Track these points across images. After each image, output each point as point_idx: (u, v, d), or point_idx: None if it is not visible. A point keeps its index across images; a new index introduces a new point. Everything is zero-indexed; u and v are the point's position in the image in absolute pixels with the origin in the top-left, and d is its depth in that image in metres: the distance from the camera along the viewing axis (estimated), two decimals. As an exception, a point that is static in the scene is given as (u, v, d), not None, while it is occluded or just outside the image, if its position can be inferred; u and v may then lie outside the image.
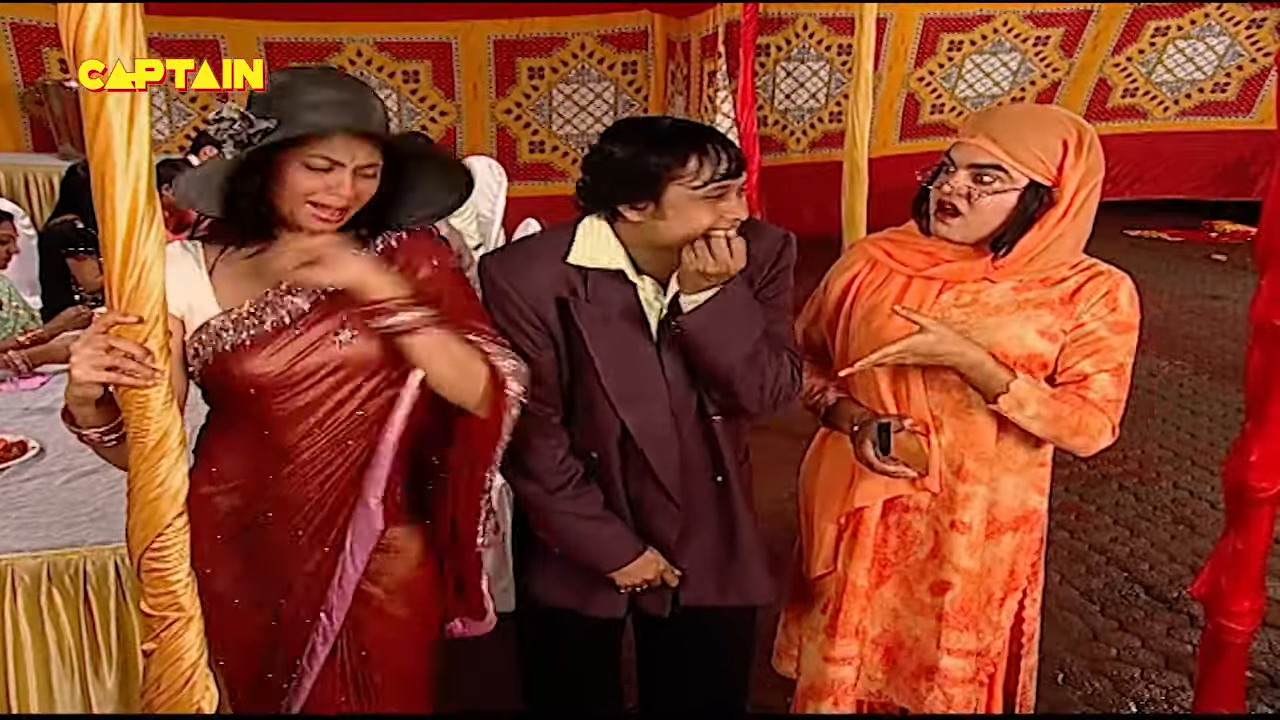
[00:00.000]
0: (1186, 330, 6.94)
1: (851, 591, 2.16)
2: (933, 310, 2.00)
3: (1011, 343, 1.97)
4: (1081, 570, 3.93)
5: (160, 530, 1.54)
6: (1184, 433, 5.25)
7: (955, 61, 9.01)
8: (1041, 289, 1.98)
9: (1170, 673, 3.33)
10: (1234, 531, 2.39)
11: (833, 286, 2.18)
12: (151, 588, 1.56)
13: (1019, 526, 2.13)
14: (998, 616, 2.16)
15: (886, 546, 2.16)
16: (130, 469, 1.52)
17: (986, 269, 1.98)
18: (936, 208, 1.96)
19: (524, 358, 1.84)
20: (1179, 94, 9.50)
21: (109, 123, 1.34)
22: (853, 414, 2.08)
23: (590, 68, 8.78)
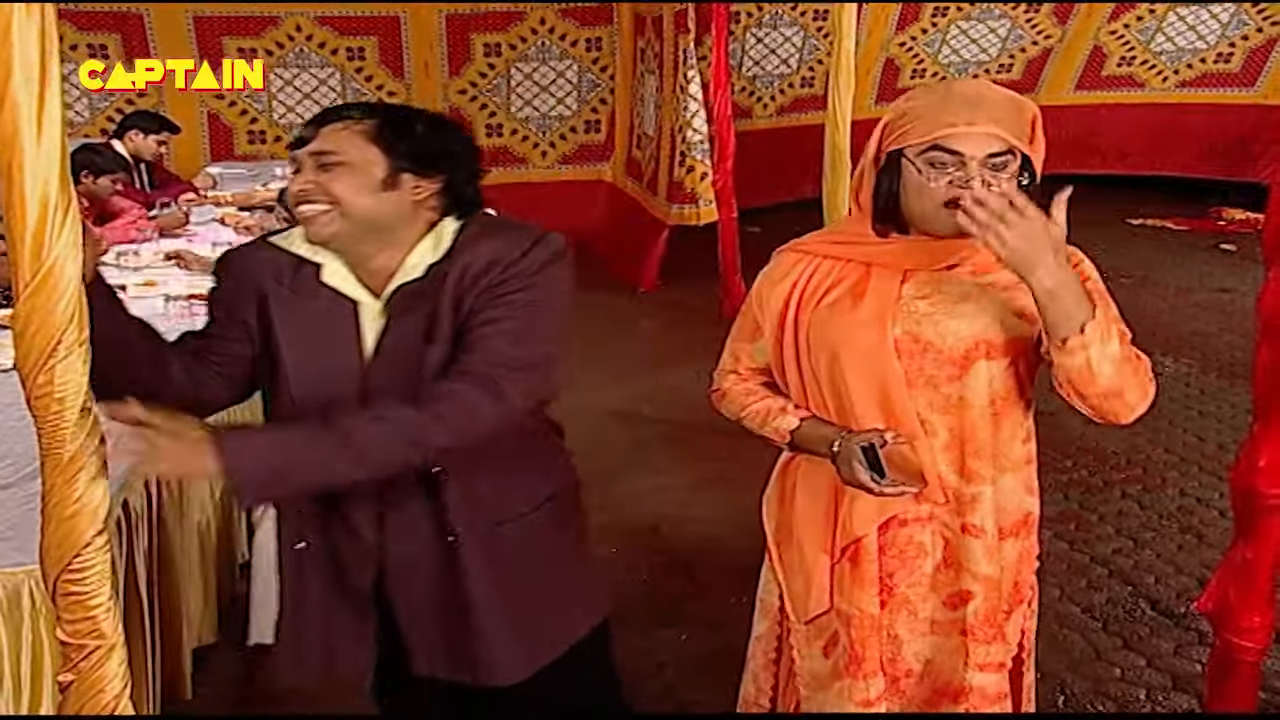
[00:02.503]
0: (1193, 326, 6.99)
1: (868, 624, 2.12)
2: (897, 304, 1.99)
3: (994, 329, 1.97)
4: (1082, 584, 3.95)
5: (78, 550, 1.52)
6: (1191, 436, 5.28)
7: (940, 27, 9.09)
8: (998, 271, 1.97)
9: (1178, 694, 3.35)
10: (1243, 541, 2.41)
11: (769, 300, 2.13)
12: (69, 613, 1.54)
13: (1019, 531, 2.13)
14: (1007, 630, 2.16)
15: (882, 569, 2.13)
16: (45, 483, 1.51)
17: (954, 250, 1.97)
18: (949, 203, 1.88)
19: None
20: (1179, 63, 9.58)
21: (15, 103, 1.33)
22: (825, 435, 2.05)
23: (551, 44, 8.78)
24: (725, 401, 2.26)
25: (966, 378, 2.00)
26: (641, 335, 6.74)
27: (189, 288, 4.55)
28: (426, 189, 1.91)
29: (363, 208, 1.84)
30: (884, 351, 1.98)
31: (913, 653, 2.17)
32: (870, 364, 2.00)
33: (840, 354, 2.01)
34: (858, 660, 2.14)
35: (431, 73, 8.70)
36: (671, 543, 4.20)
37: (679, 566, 4.01)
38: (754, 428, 2.18)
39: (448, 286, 1.87)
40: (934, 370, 2.00)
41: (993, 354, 1.99)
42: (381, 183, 1.85)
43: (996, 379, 2.01)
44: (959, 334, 1.97)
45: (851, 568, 2.12)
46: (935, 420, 2.03)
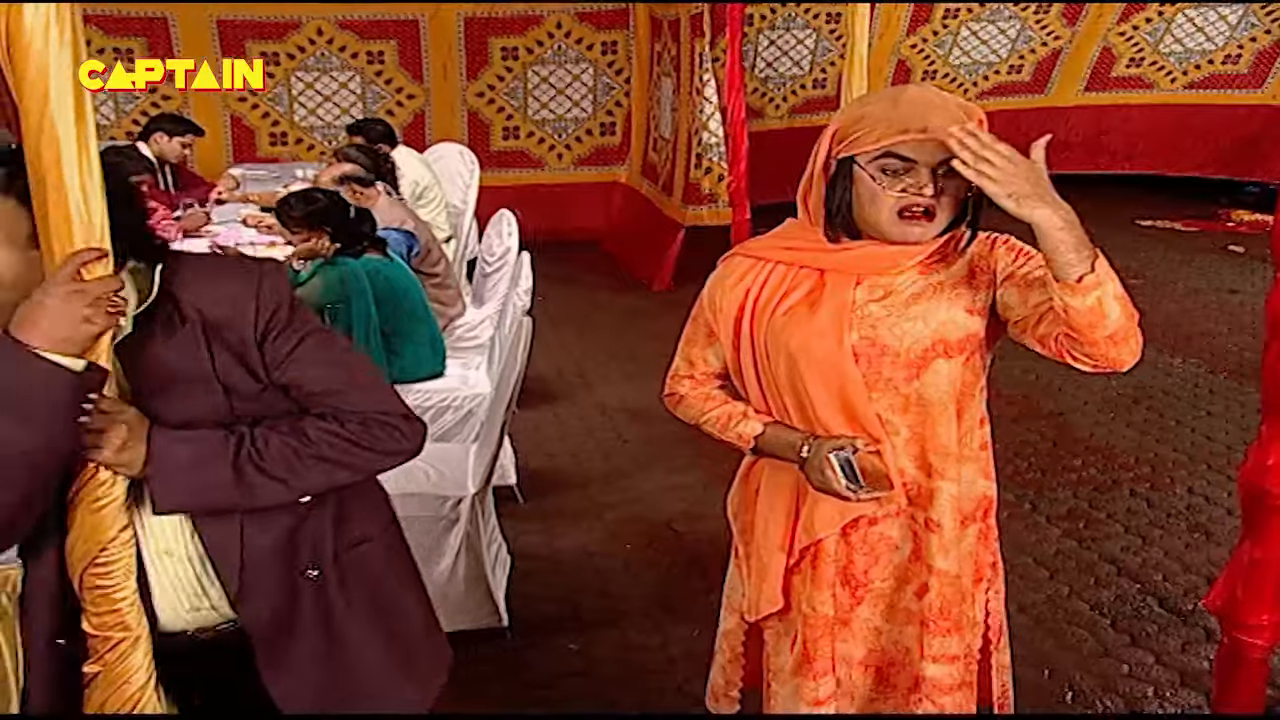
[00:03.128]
0: (1202, 326, 6.96)
1: (822, 625, 2.14)
2: (852, 310, 1.98)
3: (948, 327, 1.97)
4: (1091, 582, 3.94)
5: (104, 545, 1.53)
6: (1199, 435, 5.27)
7: (951, 29, 9.08)
8: (944, 268, 1.99)
9: (1186, 690, 3.34)
10: (1251, 540, 2.40)
11: (723, 305, 2.12)
12: (95, 606, 1.55)
13: (977, 516, 2.13)
14: (973, 611, 2.16)
15: (854, 566, 2.14)
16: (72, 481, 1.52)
17: (906, 254, 1.96)
18: (901, 213, 1.90)
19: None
20: (1187, 64, 9.56)
21: (54, 103, 1.35)
22: (791, 441, 2.05)
23: (568, 48, 8.79)
24: (682, 406, 2.26)
25: (925, 376, 2.00)
26: (656, 334, 6.74)
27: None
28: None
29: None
30: (842, 358, 1.98)
31: (891, 641, 2.18)
32: (829, 371, 2.00)
33: (799, 361, 2.01)
34: (809, 660, 2.16)
35: (450, 76, 8.72)
36: (685, 540, 4.21)
37: (691, 563, 4.03)
38: (715, 433, 2.18)
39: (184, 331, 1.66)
40: (892, 372, 2.00)
41: (949, 352, 1.99)
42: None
43: (955, 376, 2.01)
44: (916, 335, 1.98)
45: (811, 569, 2.14)
46: (896, 420, 2.03)
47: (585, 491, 4.66)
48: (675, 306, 8.05)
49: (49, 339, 1.43)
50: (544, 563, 4.02)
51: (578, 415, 5.52)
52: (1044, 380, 5.94)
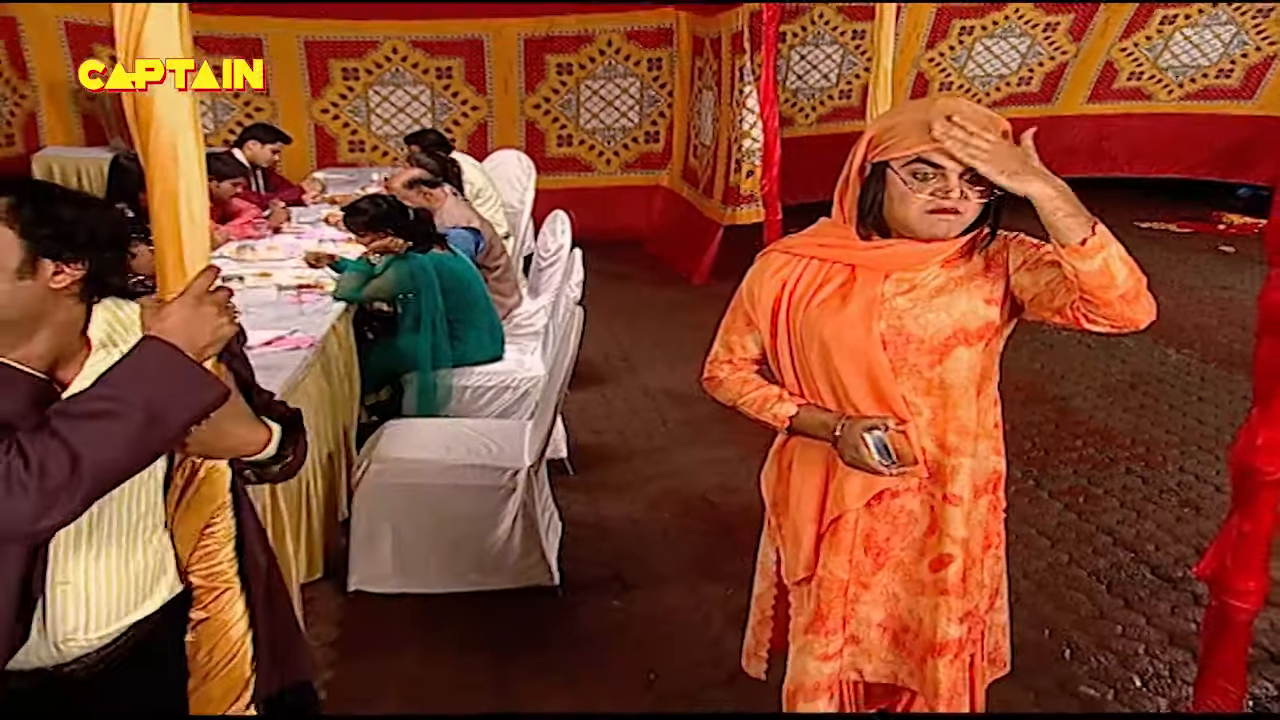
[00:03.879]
0: (1195, 320, 6.89)
1: (835, 587, 2.15)
2: (881, 302, 1.99)
3: (968, 317, 1.97)
4: (1089, 551, 3.92)
5: (212, 514, 1.56)
6: (1190, 419, 5.22)
7: (966, 44, 9.03)
8: (964, 263, 1.99)
9: (1174, 649, 3.32)
10: (1240, 513, 2.39)
11: (760, 296, 2.13)
12: (201, 564, 1.58)
13: (989, 489, 2.13)
14: (981, 574, 2.16)
15: (876, 535, 2.14)
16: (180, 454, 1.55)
17: (932, 252, 1.96)
18: (930, 212, 1.90)
19: None
20: (1183, 78, 9.50)
21: (162, 119, 1.37)
22: (824, 420, 2.05)
23: (617, 64, 8.79)
24: (721, 389, 2.25)
25: (947, 362, 2.00)
26: (695, 324, 6.74)
27: (297, 279, 4.62)
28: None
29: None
30: (871, 345, 1.98)
31: (906, 609, 2.18)
32: (860, 357, 2.00)
33: (832, 348, 2.01)
34: (821, 618, 2.16)
35: (510, 89, 8.74)
36: (720, 510, 4.22)
37: (725, 532, 4.03)
38: (751, 413, 2.18)
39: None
40: (917, 358, 2.00)
41: (969, 340, 1.99)
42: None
43: (974, 361, 2.01)
44: (939, 324, 1.98)
45: (832, 538, 2.14)
46: (919, 402, 2.03)
47: (629, 465, 4.68)
48: (713, 299, 8.05)
49: (193, 348, 1.43)
50: (591, 529, 4.05)
51: (623, 397, 5.54)
52: (1049, 368, 5.90)
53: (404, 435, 3.75)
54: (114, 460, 1.35)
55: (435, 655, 3.28)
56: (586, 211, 6.82)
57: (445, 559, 3.56)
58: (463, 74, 8.66)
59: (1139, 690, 3.13)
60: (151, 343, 1.41)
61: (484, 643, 3.34)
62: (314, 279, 4.60)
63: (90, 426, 1.33)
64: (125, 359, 1.41)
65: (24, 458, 1.30)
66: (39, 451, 1.30)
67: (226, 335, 1.46)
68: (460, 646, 3.32)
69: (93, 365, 1.53)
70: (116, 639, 1.63)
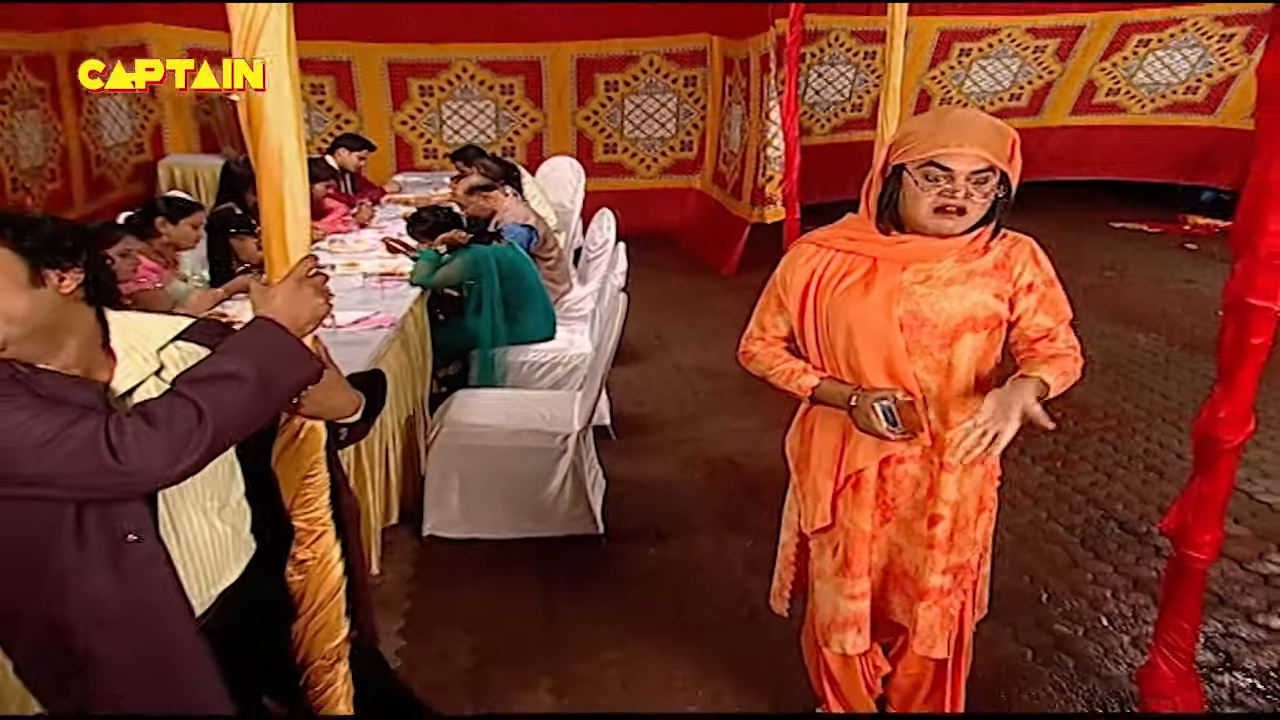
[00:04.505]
0: (1161, 309, 6.79)
1: (860, 537, 2.16)
2: (899, 289, 1.98)
3: (977, 307, 1.97)
4: (1065, 509, 3.89)
5: (311, 466, 1.58)
6: (1156, 395, 5.15)
7: (964, 64, 8.95)
8: (977, 259, 1.98)
9: (1137, 593, 3.30)
10: (1200, 476, 2.38)
11: (792, 282, 2.12)
12: (303, 509, 1.60)
13: (984, 458, 2.11)
14: (974, 534, 2.16)
15: (885, 494, 2.15)
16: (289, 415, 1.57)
17: (946, 248, 1.96)
18: (937, 210, 1.91)
19: None
20: (1155, 94, 9.43)
21: (272, 126, 1.39)
22: (842, 391, 2.05)
23: (657, 82, 8.75)
24: (753, 362, 2.25)
25: (956, 346, 2.00)
26: (722, 310, 6.73)
27: (380, 268, 4.65)
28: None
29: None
30: (891, 330, 1.99)
31: (907, 559, 2.19)
32: (879, 339, 2.00)
33: (855, 330, 2.01)
34: (848, 564, 2.19)
35: (564, 103, 8.73)
36: (743, 471, 4.23)
37: (748, 491, 4.03)
38: (779, 383, 2.18)
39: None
40: (929, 341, 2.00)
41: (976, 327, 1.99)
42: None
43: (979, 346, 2.01)
44: (950, 312, 1.97)
45: (853, 494, 2.15)
46: (928, 379, 2.03)
47: (663, 432, 4.69)
48: (739, 288, 8.09)
49: (295, 324, 1.44)
50: (631, 486, 4.06)
51: (659, 372, 5.54)
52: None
53: (470, 403, 3.79)
54: (233, 416, 1.36)
55: (496, 591, 3.31)
56: (629, 210, 6.81)
57: (505, 509, 3.59)
58: (523, 90, 8.66)
59: (1106, 629, 3.11)
60: (261, 320, 1.43)
61: (538, 581, 3.37)
62: (394, 268, 4.64)
63: (213, 387, 1.35)
64: (240, 333, 1.44)
65: (146, 417, 1.30)
66: (165, 409, 1.31)
67: (322, 314, 1.48)
68: (517, 584, 3.35)
69: (123, 370, 1.51)
70: (218, 599, 1.63)
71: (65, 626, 1.44)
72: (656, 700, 2.77)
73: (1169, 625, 2.54)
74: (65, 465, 1.27)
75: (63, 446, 1.27)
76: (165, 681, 1.50)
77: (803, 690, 2.60)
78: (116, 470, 1.27)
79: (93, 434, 1.27)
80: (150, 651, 1.48)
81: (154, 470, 1.29)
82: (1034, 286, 1.99)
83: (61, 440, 1.27)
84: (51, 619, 1.44)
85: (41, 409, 1.31)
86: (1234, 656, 2.97)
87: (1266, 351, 2.20)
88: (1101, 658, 2.97)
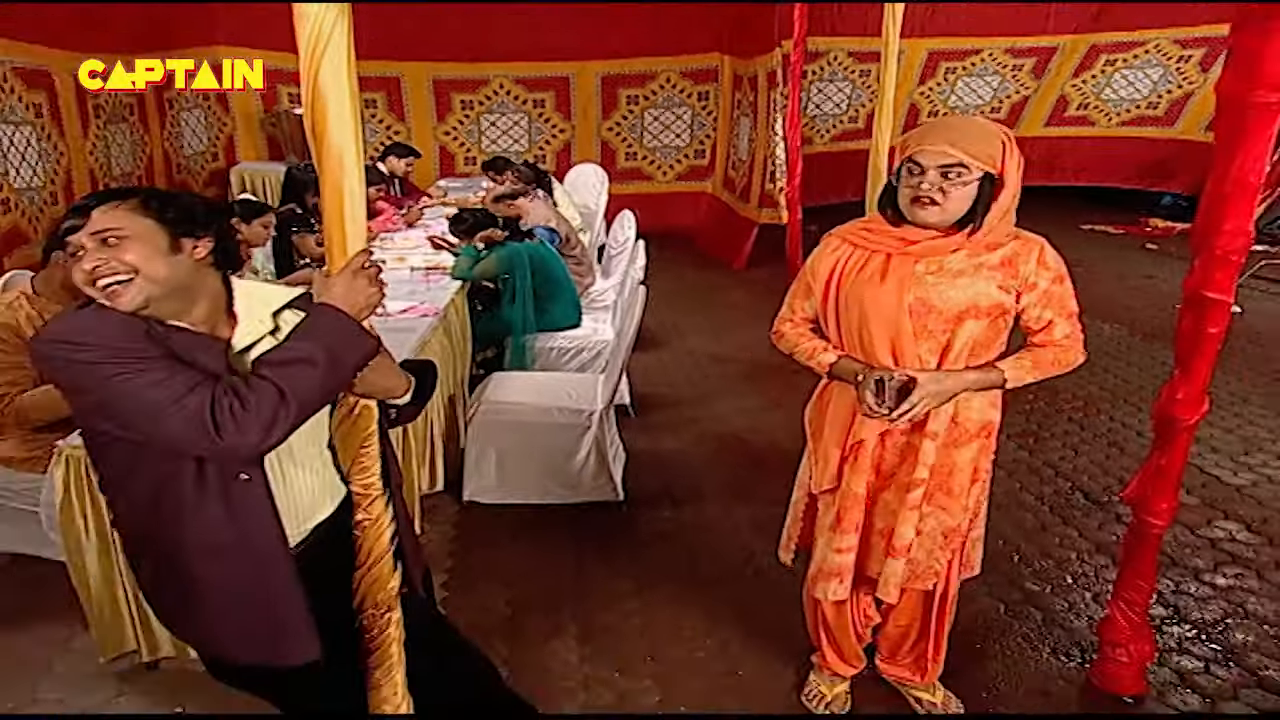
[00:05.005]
0: (1125, 302, 6.73)
1: (853, 499, 2.16)
2: (910, 277, 1.98)
3: (982, 297, 1.96)
4: (1036, 480, 3.88)
5: (366, 437, 1.59)
6: (1119, 379, 5.11)
7: (950, 82, 8.87)
8: (986, 254, 1.97)
9: (1099, 555, 3.28)
10: (1159, 451, 2.37)
11: (819, 270, 2.12)
12: (359, 476, 1.61)
13: (980, 434, 2.12)
14: (966, 501, 2.15)
15: (884, 462, 2.15)
16: (346, 393, 1.58)
17: (952, 243, 1.96)
18: (912, 201, 1.93)
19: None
20: (1120, 108, 9.35)
21: (334, 135, 1.40)
22: (853, 368, 2.06)
23: (673, 96, 8.72)
24: (783, 340, 2.25)
25: (958, 330, 1.99)
26: (731, 303, 6.72)
27: (425, 263, 4.66)
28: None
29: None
30: (900, 313, 1.98)
31: (904, 520, 2.16)
32: (890, 323, 2.00)
33: (869, 313, 2.01)
34: (839, 521, 2.20)
35: (589, 116, 8.71)
36: (749, 445, 4.22)
37: (753, 462, 4.04)
38: (802, 359, 2.19)
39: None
40: (935, 325, 1.99)
41: (978, 315, 1.98)
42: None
43: (977, 331, 2.00)
44: (955, 300, 1.97)
45: (854, 461, 2.16)
46: (931, 360, 2.03)
47: (678, 410, 4.68)
48: (747, 283, 8.08)
49: (353, 309, 1.46)
50: (648, 458, 4.06)
51: (674, 357, 5.54)
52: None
53: (505, 384, 3.80)
54: (309, 393, 1.39)
55: (529, 550, 3.33)
56: (648, 212, 6.80)
57: (537, 478, 3.61)
58: (553, 104, 8.64)
59: (1070, 586, 3.10)
60: (323, 307, 1.45)
61: (565, 542, 3.38)
62: (437, 262, 4.65)
63: (290, 370, 1.38)
64: (308, 320, 1.46)
65: (239, 399, 1.34)
66: (254, 392, 1.35)
67: (376, 301, 1.49)
68: (548, 544, 3.37)
69: (243, 329, 1.54)
70: (309, 534, 1.66)
71: (181, 552, 1.50)
72: (671, 646, 2.79)
73: (1127, 583, 2.53)
74: (178, 431, 1.32)
75: (178, 415, 1.32)
76: (261, 613, 1.54)
77: (802, 638, 2.61)
78: (216, 443, 1.32)
79: (199, 409, 1.32)
80: (250, 580, 1.52)
81: (248, 444, 1.34)
82: (1039, 284, 1.98)
83: (177, 409, 1.32)
84: (170, 545, 1.50)
85: (165, 374, 1.35)
86: (1182, 610, 2.96)
87: (1220, 340, 2.19)
88: (1066, 611, 2.96)
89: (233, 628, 1.56)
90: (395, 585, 1.67)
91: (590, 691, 2.60)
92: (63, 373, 1.38)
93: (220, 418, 1.32)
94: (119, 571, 2.50)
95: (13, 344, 2.68)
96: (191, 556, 1.50)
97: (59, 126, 5.56)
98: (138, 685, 2.59)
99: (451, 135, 8.67)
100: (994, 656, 2.74)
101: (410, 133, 8.43)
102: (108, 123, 6.12)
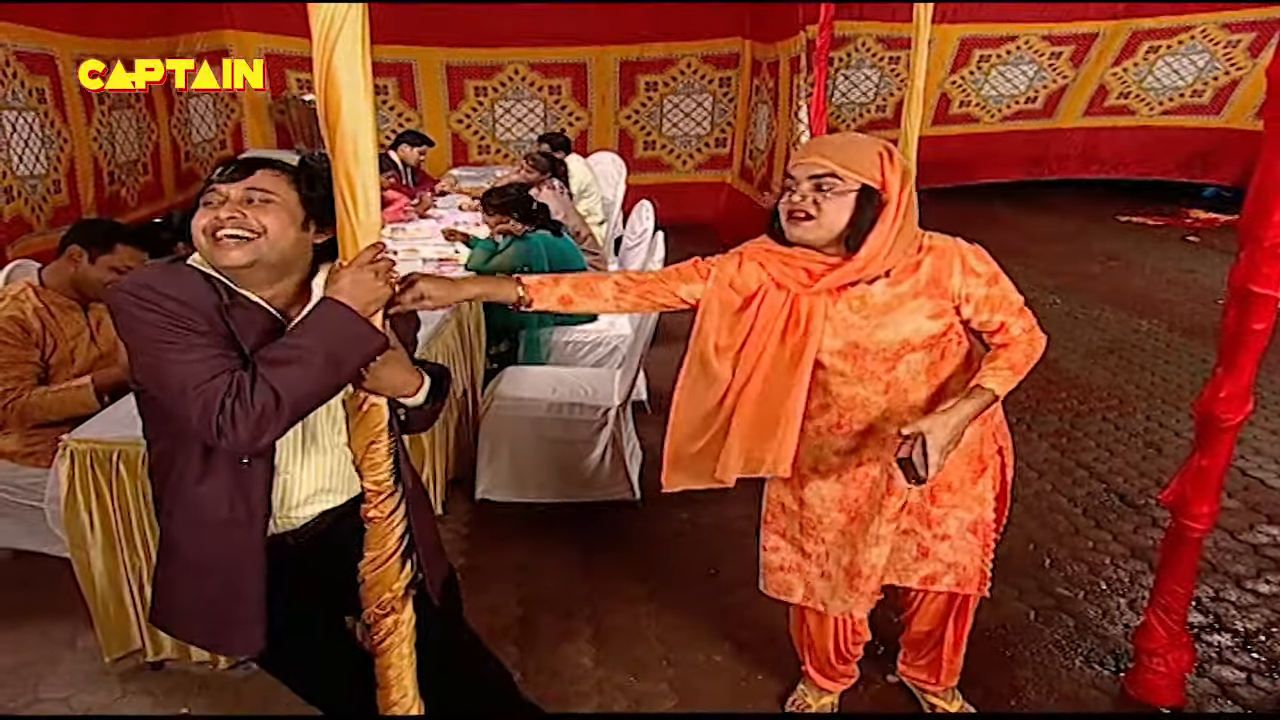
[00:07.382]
0: (1162, 296, 6.67)
1: (806, 511, 2.34)
2: (834, 317, 1.91)
3: (914, 334, 1.90)
4: (1069, 482, 3.85)
5: (376, 434, 1.59)
6: (1156, 377, 5.07)
7: (984, 70, 8.81)
8: (910, 280, 1.88)
9: (1134, 560, 3.26)
10: (1200, 452, 2.34)
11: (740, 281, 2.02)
12: (371, 472, 1.61)
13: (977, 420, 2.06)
14: (977, 489, 2.12)
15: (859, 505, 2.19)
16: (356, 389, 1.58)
17: (856, 273, 1.86)
18: (788, 217, 1.86)
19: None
20: (1163, 97, 9.23)
21: (348, 122, 1.40)
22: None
23: (694, 82, 8.70)
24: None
25: (899, 366, 1.94)
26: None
27: (437, 254, 4.68)
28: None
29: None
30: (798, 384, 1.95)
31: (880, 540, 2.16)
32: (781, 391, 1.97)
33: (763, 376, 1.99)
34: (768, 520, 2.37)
35: (607, 103, 8.71)
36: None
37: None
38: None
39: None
40: (873, 366, 1.94)
41: (915, 349, 1.93)
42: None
43: (923, 359, 1.94)
44: (887, 340, 1.91)
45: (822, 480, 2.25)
46: (877, 399, 1.99)
47: (697, 404, 4.67)
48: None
49: (360, 304, 1.46)
50: (667, 454, 4.05)
51: (693, 350, 5.52)
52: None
53: (519, 379, 3.80)
54: (306, 393, 1.45)
55: (541, 549, 3.34)
56: (666, 202, 6.79)
57: (551, 476, 3.61)
58: (569, 91, 8.64)
59: (1104, 592, 3.08)
60: (327, 301, 1.46)
61: (579, 541, 3.39)
62: (450, 254, 4.67)
63: (284, 371, 1.43)
64: (309, 314, 1.48)
65: (240, 398, 1.41)
66: (254, 394, 1.42)
67: (384, 296, 1.49)
68: (561, 543, 3.38)
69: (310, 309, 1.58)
70: (315, 518, 1.74)
71: (172, 517, 1.64)
72: (688, 650, 2.79)
73: (1164, 589, 2.51)
74: (191, 415, 1.42)
75: (197, 400, 1.41)
76: (214, 597, 1.64)
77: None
78: (214, 438, 1.42)
79: (211, 400, 1.41)
80: (216, 562, 1.63)
81: (242, 443, 1.43)
82: (973, 294, 1.88)
83: (196, 395, 1.41)
84: (168, 504, 1.64)
85: (199, 356, 1.43)
86: (1223, 618, 2.93)
87: (1267, 337, 2.16)
88: (1099, 618, 2.94)
89: (186, 603, 1.67)
90: (401, 586, 1.67)
91: (604, 695, 2.61)
92: (125, 325, 1.47)
93: (221, 415, 1.40)
94: (124, 568, 2.52)
95: (19, 338, 2.69)
96: (176, 521, 1.63)
97: (62, 113, 5.61)
98: (142, 686, 2.61)
99: (465, 123, 8.68)
100: (1023, 664, 2.73)
101: (422, 120, 8.44)
102: (112, 109, 6.17)
